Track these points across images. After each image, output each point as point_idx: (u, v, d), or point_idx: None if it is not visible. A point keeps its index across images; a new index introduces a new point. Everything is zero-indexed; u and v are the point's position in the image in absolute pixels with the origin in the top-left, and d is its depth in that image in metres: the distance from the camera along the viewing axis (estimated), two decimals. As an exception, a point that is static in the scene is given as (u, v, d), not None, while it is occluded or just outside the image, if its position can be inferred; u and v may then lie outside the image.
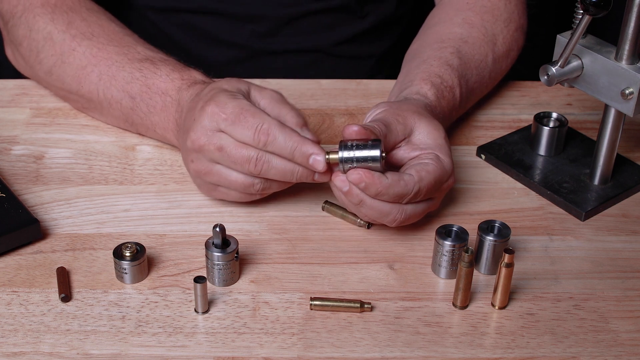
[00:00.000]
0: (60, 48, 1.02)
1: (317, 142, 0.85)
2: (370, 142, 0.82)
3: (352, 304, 0.82)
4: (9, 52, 1.10)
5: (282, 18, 1.20)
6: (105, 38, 1.02)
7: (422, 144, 0.88)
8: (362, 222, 0.91)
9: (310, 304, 0.82)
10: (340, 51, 1.25)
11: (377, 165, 0.82)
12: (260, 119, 0.84)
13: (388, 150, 0.87)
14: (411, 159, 0.88)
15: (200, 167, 0.88)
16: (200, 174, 0.88)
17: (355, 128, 0.83)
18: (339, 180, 0.84)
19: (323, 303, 0.82)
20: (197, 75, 0.96)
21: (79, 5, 1.06)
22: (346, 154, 0.83)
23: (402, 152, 0.88)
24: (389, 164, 0.88)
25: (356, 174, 0.82)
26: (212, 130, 0.85)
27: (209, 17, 1.21)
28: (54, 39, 1.02)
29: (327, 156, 0.84)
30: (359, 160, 0.82)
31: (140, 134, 1.03)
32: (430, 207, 0.89)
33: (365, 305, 0.82)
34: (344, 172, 0.84)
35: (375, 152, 0.82)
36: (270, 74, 1.19)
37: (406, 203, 0.85)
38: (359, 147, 0.82)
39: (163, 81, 0.96)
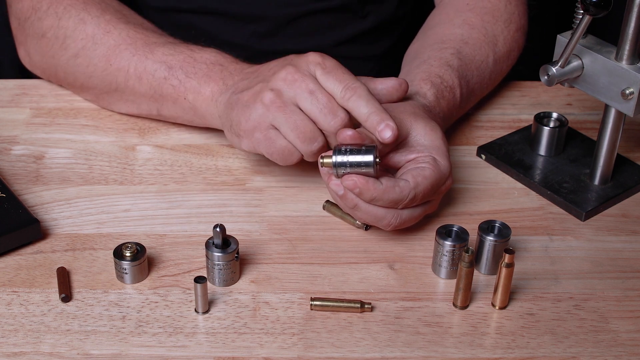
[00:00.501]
0: (93, 30, 1.02)
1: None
2: (364, 148, 0.82)
3: (352, 304, 0.82)
4: (22, 51, 1.09)
5: (282, 18, 1.20)
6: (142, 27, 1.03)
7: (419, 145, 0.88)
8: (359, 223, 0.91)
9: (311, 304, 0.82)
10: (341, 52, 1.25)
11: (371, 170, 0.82)
12: (352, 77, 0.87)
13: (384, 153, 0.87)
14: (408, 162, 0.88)
15: (277, 99, 0.87)
16: (272, 106, 0.87)
17: (349, 132, 0.83)
18: (334, 184, 0.84)
19: (323, 303, 0.82)
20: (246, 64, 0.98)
21: (110, 0, 1.07)
22: (339, 158, 0.82)
23: (398, 155, 0.88)
24: (386, 167, 0.88)
25: (350, 180, 0.82)
26: (309, 73, 0.87)
27: (210, 17, 1.21)
28: (86, 22, 1.02)
29: (321, 160, 0.84)
30: (353, 165, 0.82)
31: (159, 118, 1.03)
32: (428, 210, 0.89)
33: (366, 306, 0.82)
34: (338, 176, 0.84)
35: (369, 158, 0.82)
36: None
37: (402, 208, 0.85)
38: (352, 152, 0.82)
39: (214, 55, 0.97)
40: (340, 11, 1.22)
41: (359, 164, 0.82)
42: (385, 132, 0.84)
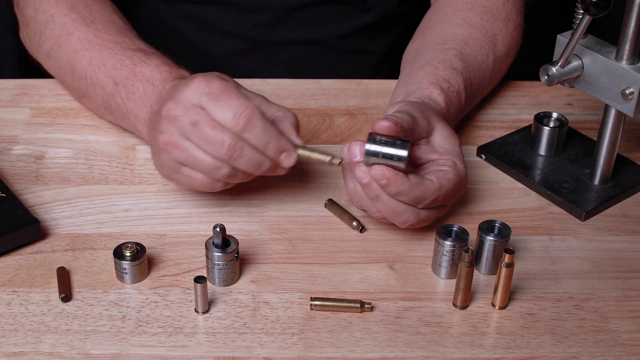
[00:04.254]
0: (59, 31, 1.02)
1: (300, 146, 0.84)
2: (399, 141, 0.82)
3: (352, 304, 0.82)
4: (22, 33, 1.10)
5: (284, 8, 1.20)
6: (104, 26, 1.01)
7: (441, 147, 0.88)
8: (355, 224, 0.91)
9: (311, 304, 0.82)
10: (342, 45, 1.25)
11: (402, 165, 0.82)
12: (244, 102, 0.82)
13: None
14: (429, 162, 0.87)
15: (169, 138, 0.84)
16: (168, 147, 0.84)
17: (386, 124, 0.82)
18: (361, 171, 0.83)
19: (323, 303, 0.82)
20: (186, 73, 0.95)
21: None
22: (373, 147, 0.82)
23: (421, 151, 0.88)
24: None
25: (379, 170, 0.82)
26: (192, 104, 0.82)
27: (213, 7, 1.21)
28: (55, 22, 1.02)
29: (298, 151, 0.84)
30: (385, 156, 0.82)
31: (118, 125, 1.02)
32: (440, 213, 0.89)
33: (366, 305, 0.82)
34: (367, 164, 0.83)
35: (403, 152, 0.81)
36: (273, 66, 1.19)
37: (422, 208, 0.85)
38: (387, 144, 0.82)
39: (151, 70, 0.95)
40: (341, 3, 1.22)
41: (391, 157, 0.82)
42: (286, 162, 0.83)
